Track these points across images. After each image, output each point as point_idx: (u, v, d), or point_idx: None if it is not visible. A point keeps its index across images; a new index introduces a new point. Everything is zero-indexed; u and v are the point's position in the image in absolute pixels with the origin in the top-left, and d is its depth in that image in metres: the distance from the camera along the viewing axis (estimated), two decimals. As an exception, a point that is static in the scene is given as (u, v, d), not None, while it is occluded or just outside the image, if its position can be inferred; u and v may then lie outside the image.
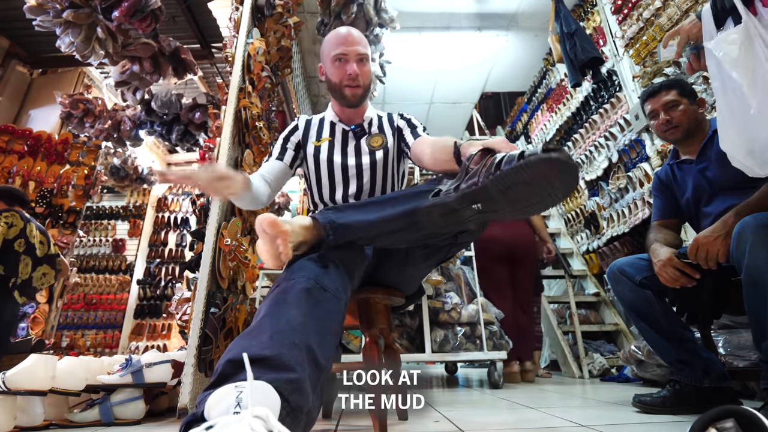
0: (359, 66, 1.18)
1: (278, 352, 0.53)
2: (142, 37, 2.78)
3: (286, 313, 0.61)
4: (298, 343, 0.56)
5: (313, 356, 0.57)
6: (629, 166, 3.36)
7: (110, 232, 5.60)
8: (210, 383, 0.51)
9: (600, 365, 2.96)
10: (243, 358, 0.45)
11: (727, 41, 0.94)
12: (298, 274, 0.71)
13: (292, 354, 0.54)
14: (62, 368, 1.49)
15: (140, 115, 3.77)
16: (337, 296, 0.71)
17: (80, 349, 4.67)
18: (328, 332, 0.64)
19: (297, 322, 0.60)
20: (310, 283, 0.69)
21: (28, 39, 3.75)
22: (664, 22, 2.93)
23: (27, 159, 3.52)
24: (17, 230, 2.17)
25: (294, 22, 2.59)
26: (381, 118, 1.30)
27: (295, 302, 0.64)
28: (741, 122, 0.95)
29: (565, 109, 4.49)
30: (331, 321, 0.67)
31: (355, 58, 1.17)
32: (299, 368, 0.53)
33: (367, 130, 1.26)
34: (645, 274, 1.39)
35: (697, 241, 1.22)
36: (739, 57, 0.91)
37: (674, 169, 1.53)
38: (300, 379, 0.52)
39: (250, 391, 0.42)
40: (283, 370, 0.51)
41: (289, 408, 0.48)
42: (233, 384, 0.44)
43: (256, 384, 0.44)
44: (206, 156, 2.07)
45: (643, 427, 1.13)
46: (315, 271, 0.72)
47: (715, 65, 0.99)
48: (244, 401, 0.41)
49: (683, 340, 1.36)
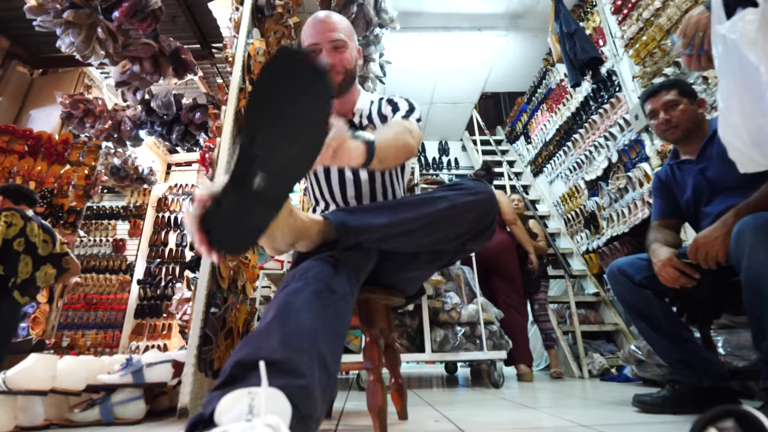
0: (334, 54, 1.08)
1: (288, 357, 0.51)
2: (143, 38, 2.78)
3: (295, 317, 0.59)
4: (308, 348, 0.55)
5: (323, 361, 0.56)
6: (629, 166, 3.36)
7: (110, 232, 5.60)
8: (218, 384, 0.50)
9: (600, 365, 2.97)
10: (255, 360, 0.44)
11: (745, 20, 0.89)
12: (307, 275, 0.69)
13: (302, 359, 0.52)
14: (63, 368, 1.49)
15: (140, 115, 3.77)
16: (346, 299, 0.70)
17: (81, 349, 4.67)
18: (337, 336, 0.63)
19: (307, 326, 0.58)
20: (320, 286, 0.67)
21: (29, 39, 3.75)
22: (663, 23, 2.93)
23: (27, 159, 3.52)
24: (17, 229, 2.16)
25: (294, 23, 2.59)
26: (372, 108, 1.18)
27: (305, 306, 0.62)
28: (750, 109, 0.90)
29: (565, 109, 4.49)
30: (340, 325, 0.65)
31: (328, 46, 1.08)
32: (309, 374, 0.52)
33: (358, 123, 1.15)
34: (645, 274, 1.40)
35: (697, 241, 1.22)
36: (757, 38, 0.87)
37: (674, 169, 1.53)
38: (310, 386, 0.51)
39: (264, 399, 0.41)
40: (293, 376, 0.50)
41: (299, 415, 0.47)
42: (246, 389, 0.43)
43: (269, 391, 0.43)
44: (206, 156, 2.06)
45: (643, 427, 1.13)
46: (325, 274, 0.70)
47: (725, 49, 0.94)
48: (256, 408, 0.40)
49: (683, 339, 1.36)
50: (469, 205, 0.88)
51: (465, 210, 0.88)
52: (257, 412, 0.40)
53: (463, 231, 0.91)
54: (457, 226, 0.89)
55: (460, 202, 0.88)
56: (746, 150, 0.94)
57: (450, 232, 0.90)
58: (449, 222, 0.88)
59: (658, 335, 1.39)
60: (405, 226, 0.83)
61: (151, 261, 5.49)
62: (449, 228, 0.89)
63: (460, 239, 0.92)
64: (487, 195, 0.91)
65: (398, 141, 0.88)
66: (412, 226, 0.83)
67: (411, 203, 0.86)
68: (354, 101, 1.15)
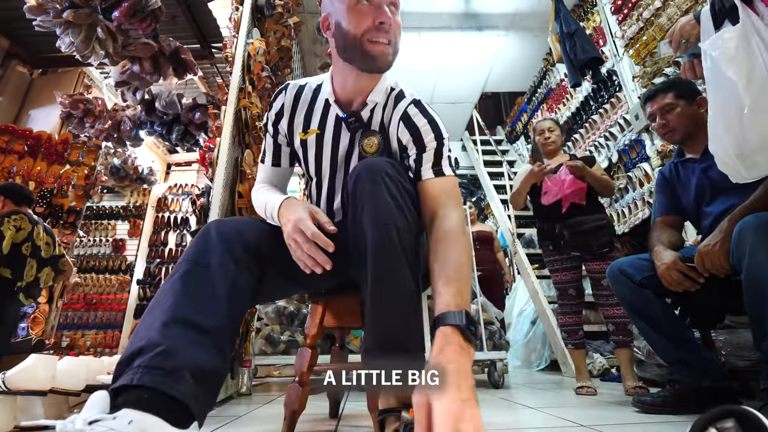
0: (393, 14, 0.83)
1: (147, 340, 0.58)
2: (142, 37, 2.78)
3: (160, 304, 0.65)
4: (166, 320, 0.61)
5: (187, 324, 0.62)
6: (629, 166, 3.36)
7: (110, 232, 5.60)
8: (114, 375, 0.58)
9: (600, 365, 2.96)
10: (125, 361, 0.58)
11: (724, 39, 0.92)
12: (180, 260, 0.75)
13: (160, 332, 0.59)
14: (62, 368, 1.49)
15: (140, 115, 3.77)
16: (223, 265, 0.72)
17: (80, 349, 4.67)
18: (208, 298, 0.67)
19: (168, 305, 0.64)
20: (189, 266, 0.71)
21: (28, 39, 3.75)
22: (664, 22, 2.93)
23: (27, 159, 3.52)
24: (25, 233, 2.16)
25: (294, 22, 2.59)
26: (387, 107, 0.93)
27: (170, 289, 0.67)
28: (733, 123, 0.93)
29: (565, 109, 4.49)
30: (209, 288, 0.69)
31: (387, 1, 0.83)
32: (165, 339, 0.58)
33: (366, 120, 0.92)
34: (645, 274, 1.39)
35: (699, 252, 1.22)
36: (735, 55, 0.90)
37: (678, 167, 1.54)
38: (165, 349, 0.57)
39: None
40: (148, 352, 0.56)
41: (163, 373, 0.55)
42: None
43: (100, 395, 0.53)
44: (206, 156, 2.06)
45: (643, 427, 1.13)
46: (193, 252, 0.75)
47: (710, 65, 0.97)
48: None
49: (683, 339, 1.36)
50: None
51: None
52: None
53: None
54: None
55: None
56: (731, 163, 0.97)
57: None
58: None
59: (658, 335, 1.39)
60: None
61: (150, 261, 5.49)
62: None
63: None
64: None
65: (465, 268, 0.71)
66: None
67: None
68: (372, 87, 0.91)
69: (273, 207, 0.89)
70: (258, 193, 1.01)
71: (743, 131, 0.91)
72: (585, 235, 2.04)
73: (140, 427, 0.49)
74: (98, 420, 0.49)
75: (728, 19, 0.96)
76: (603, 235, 2.04)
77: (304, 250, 0.78)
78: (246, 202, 1.92)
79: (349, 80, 0.89)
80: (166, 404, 0.53)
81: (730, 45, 0.91)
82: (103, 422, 0.48)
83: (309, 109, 0.96)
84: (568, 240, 2.06)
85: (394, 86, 0.95)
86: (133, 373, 0.54)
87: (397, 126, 0.91)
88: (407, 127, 0.89)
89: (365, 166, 0.78)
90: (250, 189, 1.98)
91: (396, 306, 0.71)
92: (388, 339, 0.70)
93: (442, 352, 0.57)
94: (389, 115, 0.92)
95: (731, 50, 0.91)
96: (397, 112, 0.91)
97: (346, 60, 0.87)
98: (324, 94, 0.94)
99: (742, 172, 0.97)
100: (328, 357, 1.46)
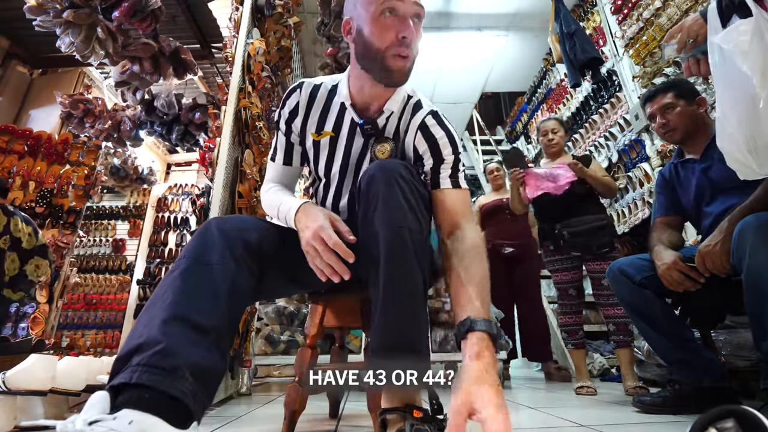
0: (416, 26, 0.84)
1: (147, 337, 0.58)
2: (142, 37, 2.78)
3: (160, 301, 0.64)
4: (165, 318, 0.60)
5: (187, 322, 0.61)
6: (629, 166, 3.36)
7: (110, 232, 5.60)
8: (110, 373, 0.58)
9: (600, 365, 2.96)
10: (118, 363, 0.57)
11: (738, 31, 0.91)
12: (180, 257, 0.73)
13: (160, 330, 0.59)
14: (62, 368, 1.49)
15: (140, 115, 3.77)
16: (223, 263, 0.71)
17: (80, 349, 4.66)
18: (208, 297, 0.67)
19: (167, 302, 0.63)
20: (189, 263, 0.70)
21: (28, 39, 3.74)
22: (664, 22, 2.93)
23: (27, 159, 3.52)
24: (0, 227, 2.09)
25: (294, 23, 2.59)
26: (404, 115, 0.94)
27: (170, 286, 0.66)
28: (745, 118, 0.92)
29: (565, 109, 4.49)
30: (209, 286, 0.68)
31: (412, 13, 0.82)
32: (165, 337, 0.58)
33: (381, 127, 0.93)
34: (645, 274, 1.40)
35: (700, 252, 1.22)
36: (750, 49, 0.88)
37: (678, 167, 1.54)
38: (165, 347, 0.57)
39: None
40: (147, 350, 0.56)
41: (162, 372, 0.55)
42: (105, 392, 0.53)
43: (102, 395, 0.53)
44: (206, 156, 2.06)
45: (643, 427, 1.13)
46: (193, 249, 0.73)
47: (720, 59, 0.96)
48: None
49: (683, 339, 1.36)
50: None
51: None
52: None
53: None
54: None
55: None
56: (743, 158, 0.96)
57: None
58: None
59: (658, 335, 1.39)
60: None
61: (150, 261, 5.48)
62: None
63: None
64: None
65: (488, 283, 0.74)
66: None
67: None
68: (389, 95, 0.92)
69: (288, 210, 0.89)
70: (269, 194, 1.00)
71: (758, 125, 0.90)
72: (585, 235, 2.04)
73: (140, 427, 0.49)
74: (98, 420, 0.49)
75: (737, 14, 0.95)
76: (603, 236, 2.04)
77: (323, 259, 0.78)
78: (246, 202, 1.92)
79: (366, 87, 0.91)
80: (166, 404, 0.53)
81: (745, 38, 0.89)
82: (104, 422, 0.48)
83: (324, 110, 0.97)
84: (569, 240, 2.07)
85: (411, 94, 0.97)
86: (132, 371, 0.54)
87: (414, 135, 0.93)
88: (425, 137, 0.91)
89: (380, 167, 0.79)
90: (250, 189, 1.98)
91: (408, 308, 0.72)
92: (399, 340, 0.71)
93: (481, 356, 0.62)
94: (406, 122, 0.94)
95: (745, 44, 0.89)
96: (414, 121, 0.93)
97: (364, 68, 0.88)
98: (340, 96, 0.94)
99: (754, 168, 0.95)
100: (328, 357, 1.46)
